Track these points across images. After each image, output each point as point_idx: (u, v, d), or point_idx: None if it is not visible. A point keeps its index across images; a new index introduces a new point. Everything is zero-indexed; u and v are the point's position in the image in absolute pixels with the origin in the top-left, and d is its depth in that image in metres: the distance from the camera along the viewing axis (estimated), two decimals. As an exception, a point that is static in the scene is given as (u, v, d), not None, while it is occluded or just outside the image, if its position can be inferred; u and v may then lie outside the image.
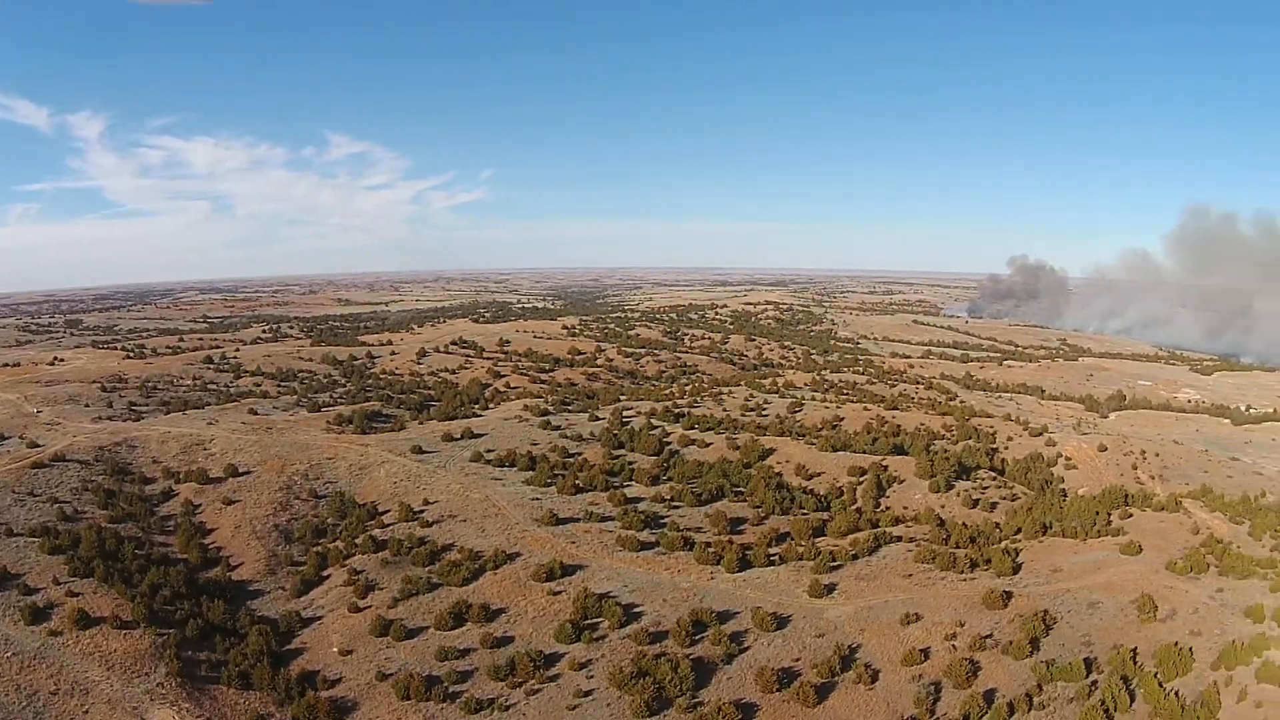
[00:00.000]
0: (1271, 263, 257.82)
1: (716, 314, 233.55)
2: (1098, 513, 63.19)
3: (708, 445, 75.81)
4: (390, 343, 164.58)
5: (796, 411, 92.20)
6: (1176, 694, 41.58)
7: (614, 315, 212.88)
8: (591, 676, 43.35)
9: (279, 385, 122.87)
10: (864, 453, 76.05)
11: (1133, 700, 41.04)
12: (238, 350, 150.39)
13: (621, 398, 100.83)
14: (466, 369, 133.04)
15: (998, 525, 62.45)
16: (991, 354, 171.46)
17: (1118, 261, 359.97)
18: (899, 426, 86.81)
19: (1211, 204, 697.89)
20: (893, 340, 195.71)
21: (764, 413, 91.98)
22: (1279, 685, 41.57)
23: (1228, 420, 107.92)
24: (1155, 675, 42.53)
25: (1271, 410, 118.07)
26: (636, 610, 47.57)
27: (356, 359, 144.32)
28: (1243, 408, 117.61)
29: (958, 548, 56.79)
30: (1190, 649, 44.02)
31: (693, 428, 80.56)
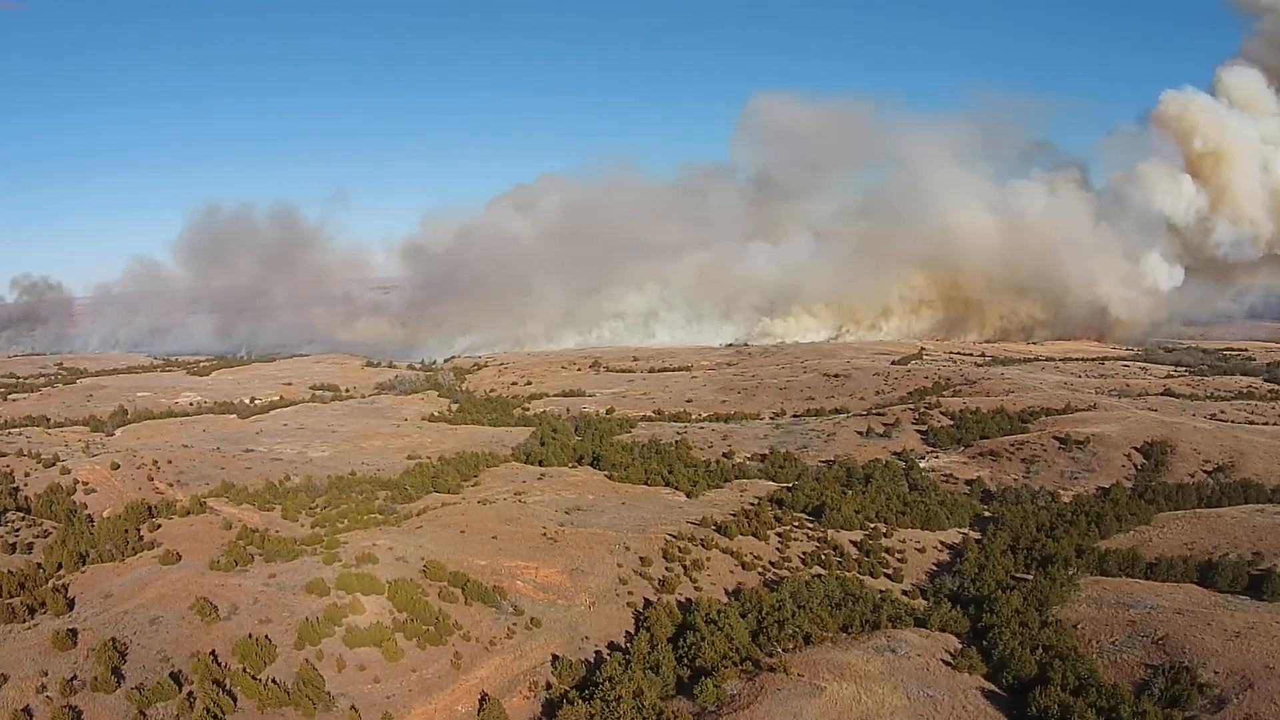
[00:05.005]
0: (283, 253, 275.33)
1: None
2: (127, 531, 61.79)
3: None
4: None
5: None
6: (274, 681, 43.20)
7: None
8: None
9: None
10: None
11: (235, 701, 41.62)
12: None
13: None
14: None
15: (40, 565, 57.15)
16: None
17: (124, 273, 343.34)
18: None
19: (222, 200, 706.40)
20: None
21: None
22: (375, 645, 45.64)
23: (234, 415, 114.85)
24: (244, 670, 43.57)
25: (278, 397, 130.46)
26: None
27: None
28: (248, 400, 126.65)
29: (12, 596, 51.38)
30: (267, 636, 46.20)
31: None
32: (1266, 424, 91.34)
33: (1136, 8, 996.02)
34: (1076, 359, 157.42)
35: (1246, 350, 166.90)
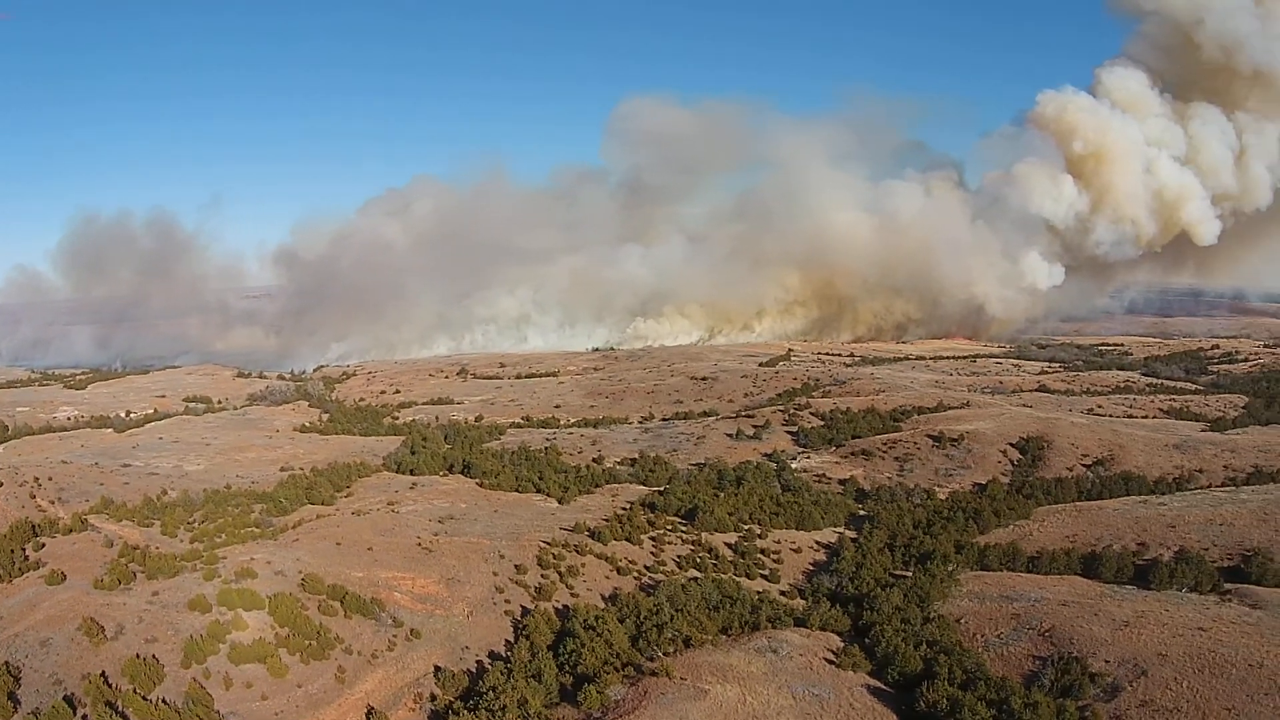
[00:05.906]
0: (160, 262, 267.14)
1: None
2: (14, 550, 60.77)
3: None
4: None
5: None
6: (164, 701, 43.66)
7: None
8: None
9: None
10: None
11: (130, 722, 42.48)
12: None
13: None
14: None
15: (-70, 589, 55.61)
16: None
17: (6, 282, 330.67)
18: None
19: (103, 208, 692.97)
20: None
21: None
22: (259, 661, 46.05)
23: (111, 429, 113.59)
24: (135, 691, 43.91)
25: (152, 410, 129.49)
26: None
27: None
28: (124, 414, 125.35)
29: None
30: (154, 656, 46.44)
31: None
32: (1145, 417, 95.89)
33: (1005, 10, 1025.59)
34: (947, 357, 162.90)
35: (1123, 345, 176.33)
